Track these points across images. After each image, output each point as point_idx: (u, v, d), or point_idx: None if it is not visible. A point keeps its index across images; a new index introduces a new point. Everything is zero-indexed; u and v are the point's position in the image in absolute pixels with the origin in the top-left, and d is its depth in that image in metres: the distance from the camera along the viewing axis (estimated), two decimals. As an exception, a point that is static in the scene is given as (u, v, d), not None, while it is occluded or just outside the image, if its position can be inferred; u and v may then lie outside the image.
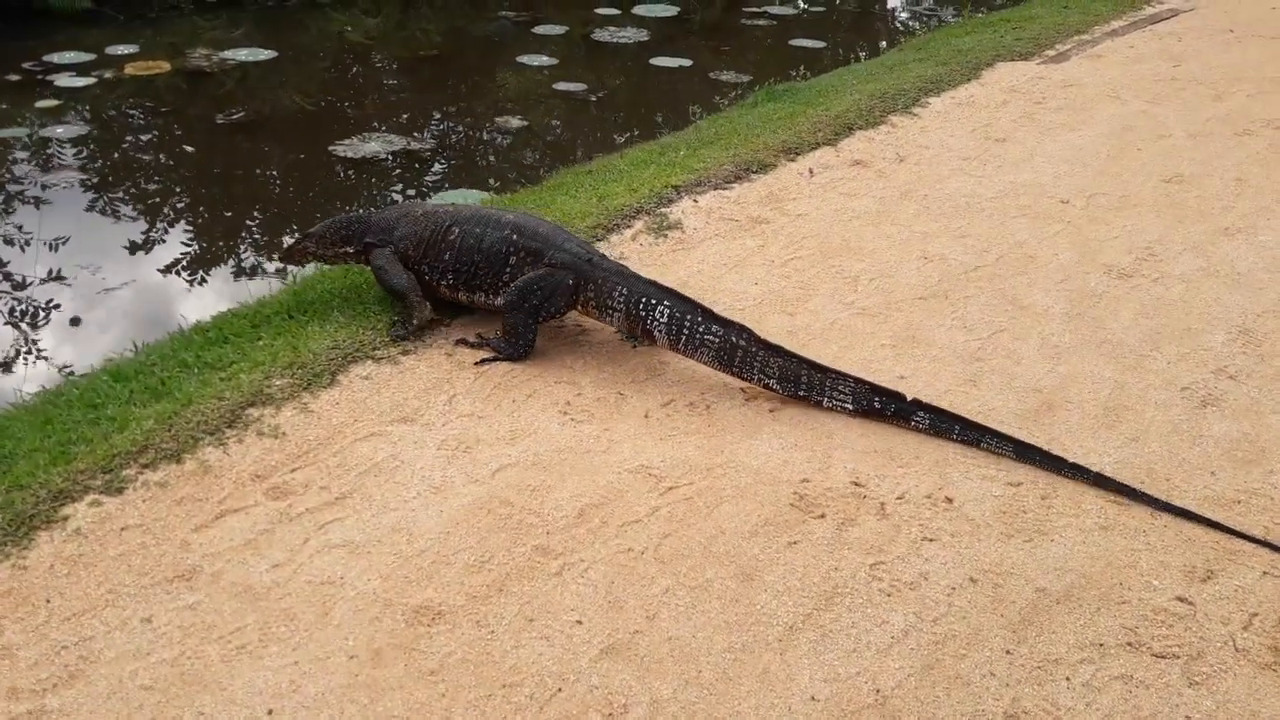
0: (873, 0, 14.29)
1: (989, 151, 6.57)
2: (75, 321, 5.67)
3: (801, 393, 3.85)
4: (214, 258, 6.47)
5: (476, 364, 4.17)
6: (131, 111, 8.74)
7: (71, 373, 4.98)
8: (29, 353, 5.42)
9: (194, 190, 7.31)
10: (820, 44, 11.75)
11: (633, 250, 5.24)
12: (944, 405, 3.89)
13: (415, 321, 4.24)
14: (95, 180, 7.37)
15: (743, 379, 3.92)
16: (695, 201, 5.78)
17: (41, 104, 8.77)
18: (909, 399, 3.74)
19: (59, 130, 8.16)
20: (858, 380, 3.79)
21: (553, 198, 6.03)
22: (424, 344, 4.37)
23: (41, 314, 5.67)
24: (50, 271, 6.06)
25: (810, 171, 6.23)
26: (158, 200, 7.19)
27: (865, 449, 3.70)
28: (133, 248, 6.48)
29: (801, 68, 10.64)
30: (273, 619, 2.97)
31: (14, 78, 9.35)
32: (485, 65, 10.73)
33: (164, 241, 6.59)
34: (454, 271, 4.13)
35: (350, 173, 7.61)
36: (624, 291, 3.95)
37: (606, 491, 3.47)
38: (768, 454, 3.66)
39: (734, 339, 3.85)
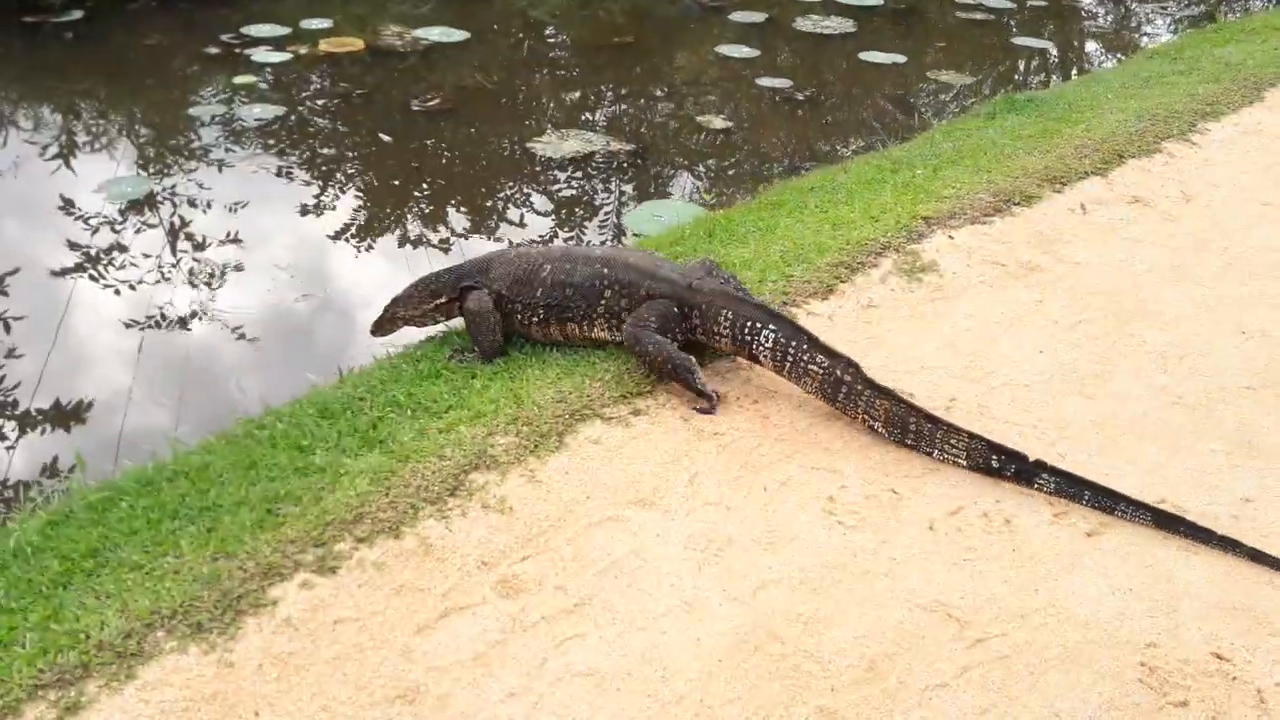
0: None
1: (1295, 195, 5.58)
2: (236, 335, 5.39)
3: (909, 441, 3.58)
4: (413, 266, 6.09)
5: (698, 410, 3.78)
6: (327, 93, 8.51)
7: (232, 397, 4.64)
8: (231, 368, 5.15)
9: (392, 188, 6.98)
10: (1047, 44, 10.69)
11: (883, 295, 4.57)
12: (1313, 547, 3.11)
13: (478, 361, 4.09)
14: (291, 168, 7.12)
15: (846, 415, 3.70)
16: (950, 238, 5.05)
17: (239, 79, 8.65)
18: (1032, 460, 3.36)
19: (255, 110, 7.99)
20: (972, 435, 3.46)
21: (774, 218, 5.41)
22: (656, 403, 3.83)
23: (235, 322, 5.40)
24: (239, 275, 5.82)
25: (1083, 207, 5.40)
26: (354, 196, 6.89)
27: (1220, 603, 2.95)
28: (327, 249, 6.18)
29: (1031, 72, 9.64)
30: (511, 773, 2.48)
31: (213, 50, 9.29)
32: (683, 55, 10.14)
33: (361, 244, 6.26)
34: (545, 306, 4.02)
35: (552, 173, 7.14)
36: (729, 315, 3.81)
37: (898, 635, 2.85)
38: (1096, 600, 2.96)
39: (839, 373, 3.65)
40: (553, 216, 6.60)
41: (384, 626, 2.87)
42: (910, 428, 3.56)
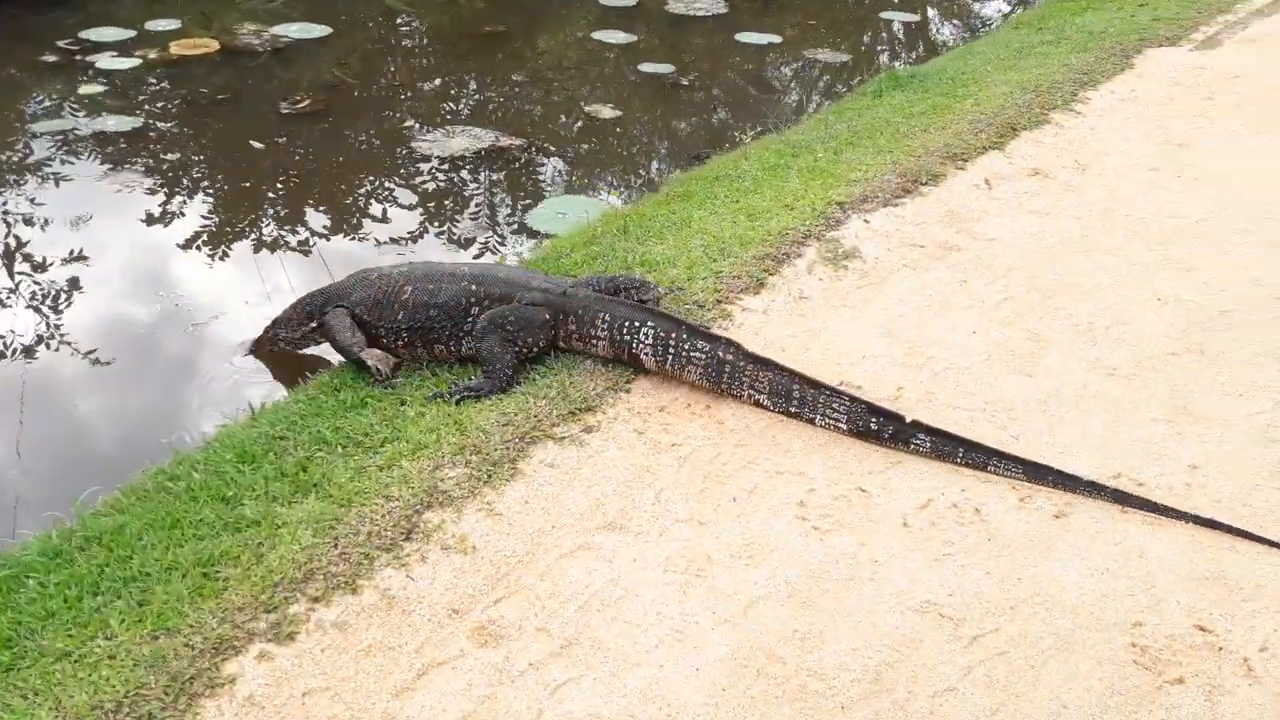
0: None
1: (1177, 160, 5.82)
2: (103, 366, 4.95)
3: (793, 409, 3.63)
4: (297, 281, 5.71)
5: (456, 402, 3.71)
6: (186, 100, 7.93)
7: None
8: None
9: (269, 199, 6.54)
10: (913, 17, 10.91)
11: (813, 286, 4.53)
12: (1263, 511, 3.22)
13: (372, 370, 3.86)
14: (158, 184, 6.60)
15: (732, 396, 3.72)
16: (866, 222, 5.05)
17: (85, 90, 7.98)
18: (908, 420, 3.47)
19: (109, 122, 7.37)
20: (853, 398, 3.54)
21: (687, 211, 5.31)
22: (607, 417, 3.69)
23: (118, 351, 4.95)
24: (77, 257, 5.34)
25: (987, 183, 5.50)
26: (229, 211, 6.43)
27: (1193, 574, 3.01)
28: (201, 268, 5.73)
29: (900, 43, 9.81)
30: (526, 842, 2.31)
31: (51, 58, 8.54)
32: (557, 43, 9.90)
33: (238, 260, 5.82)
34: (408, 329, 3.92)
35: (442, 173, 6.84)
36: (606, 318, 3.79)
37: (896, 642, 2.79)
38: (1078, 584, 2.98)
39: (720, 354, 3.68)
40: (446, 220, 6.31)
41: (358, 693, 2.64)
42: (794, 395, 3.60)
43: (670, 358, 3.72)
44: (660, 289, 4.20)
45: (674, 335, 3.70)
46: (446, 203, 6.51)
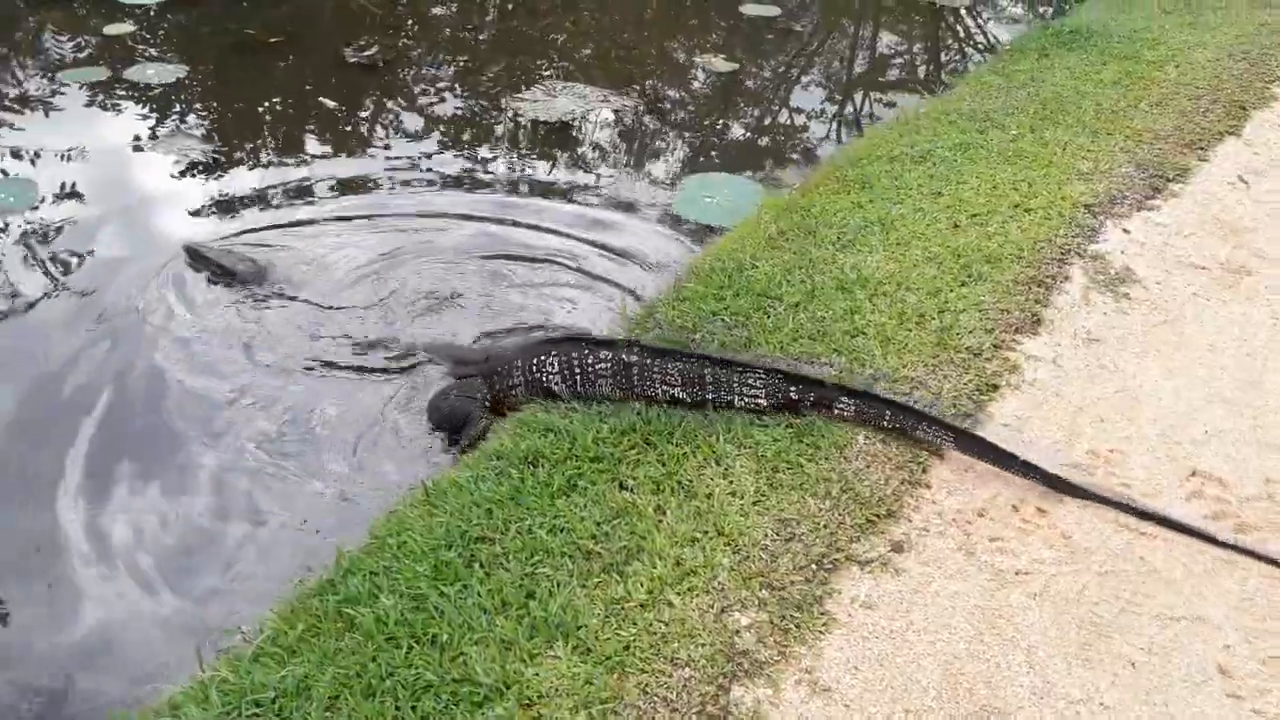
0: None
1: None
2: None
3: (709, 395, 3.26)
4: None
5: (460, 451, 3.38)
6: (232, 44, 6.80)
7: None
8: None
9: (363, 175, 5.50)
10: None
11: (1098, 323, 3.68)
12: None
13: None
14: (219, 152, 5.55)
15: (647, 398, 3.32)
16: (1126, 232, 4.18)
17: (111, 29, 6.85)
18: (829, 384, 3.17)
19: (149, 72, 6.27)
20: (767, 370, 3.21)
21: (880, 207, 4.46)
22: (913, 526, 2.84)
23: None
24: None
25: (1243, 180, 4.61)
26: (311, 180, 5.39)
27: None
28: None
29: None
30: None
31: (63, -11, 7.37)
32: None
33: (338, 250, 4.83)
34: None
35: (557, 142, 5.83)
36: (519, 363, 3.50)
37: None
38: None
39: (624, 357, 3.32)
40: (576, 203, 5.31)
41: None
42: (708, 381, 3.24)
43: (579, 379, 3.38)
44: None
45: (576, 355, 3.36)
46: (570, 179, 5.50)
